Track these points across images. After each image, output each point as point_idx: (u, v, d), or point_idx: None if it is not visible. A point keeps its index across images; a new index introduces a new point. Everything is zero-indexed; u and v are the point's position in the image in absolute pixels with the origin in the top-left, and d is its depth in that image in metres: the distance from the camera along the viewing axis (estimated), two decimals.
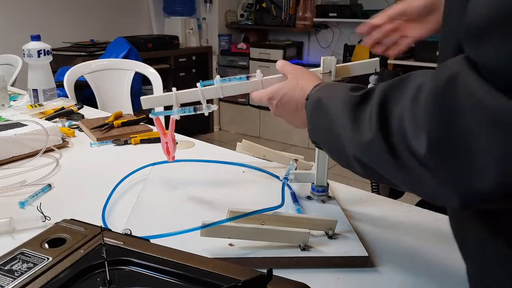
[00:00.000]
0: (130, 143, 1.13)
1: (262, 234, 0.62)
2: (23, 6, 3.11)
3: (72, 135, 1.20)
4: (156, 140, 1.14)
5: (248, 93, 0.73)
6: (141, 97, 0.80)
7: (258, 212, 0.64)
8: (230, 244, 0.63)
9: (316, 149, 0.76)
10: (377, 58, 0.72)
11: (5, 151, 0.99)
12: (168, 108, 0.77)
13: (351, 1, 3.43)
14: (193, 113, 0.75)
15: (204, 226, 0.59)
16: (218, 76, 0.74)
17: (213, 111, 0.75)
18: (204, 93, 0.74)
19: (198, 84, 0.74)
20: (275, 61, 0.74)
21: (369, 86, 0.71)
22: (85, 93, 2.33)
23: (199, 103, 0.75)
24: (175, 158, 0.83)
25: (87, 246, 0.49)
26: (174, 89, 0.75)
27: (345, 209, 0.77)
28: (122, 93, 2.16)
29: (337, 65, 0.71)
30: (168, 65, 3.65)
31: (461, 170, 0.37)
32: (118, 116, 1.31)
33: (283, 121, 0.70)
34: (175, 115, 0.76)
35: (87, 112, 1.46)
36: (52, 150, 1.07)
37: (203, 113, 0.75)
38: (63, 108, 1.40)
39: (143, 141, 1.14)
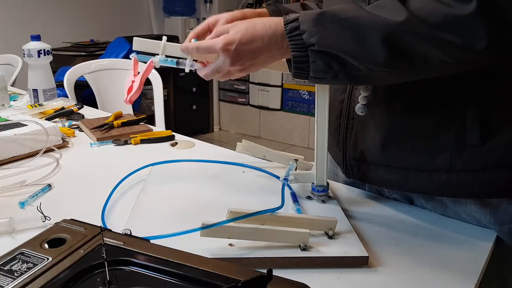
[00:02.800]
0: (130, 143, 1.13)
1: (262, 234, 0.62)
2: (23, 6, 3.11)
3: (72, 135, 1.20)
4: (157, 140, 1.15)
5: (248, 93, 0.73)
6: (134, 37, 0.78)
7: (258, 213, 0.64)
8: (230, 244, 0.63)
9: (316, 149, 0.76)
10: None
11: (5, 151, 0.99)
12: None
13: None
14: (174, 66, 0.73)
15: (204, 227, 0.59)
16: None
17: (213, 110, 0.75)
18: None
19: (192, 40, 0.73)
20: None
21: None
22: (85, 93, 2.33)
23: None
24: (174, 158, 0.83)
25: (87, 246, 0.49)
26: (164, 37, 0.75)
27: (345, 209, 0.77)
28: (122, 93, 2.16)
29: None
30: None
31: None
32: (118, 116, 1.31)
33: (284, 121, 0.70)
34: (156, 60, 0.74)
35: (87, 112, 1.46)
36: (52, 150, 1.07)
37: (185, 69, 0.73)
38: (63, 108, 1.40)
39: (143, 141, 1.14)
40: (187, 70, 0.73)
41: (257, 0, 3.89)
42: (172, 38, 3.70)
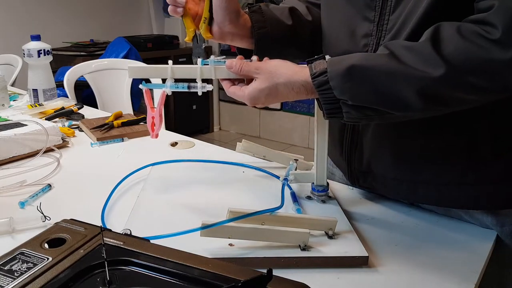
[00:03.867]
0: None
1: (262, 234, 0.62)
2: (23, 6, 3.11)
3: (72, 135, 1.20)
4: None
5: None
6: (128, 65, 0.75)
7: (258, 213, 0.64)
8: (230, 244, 0.63)
9: (316, 149, 0.76)
10: None
11: (5, 151, 0.99)
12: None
13: None
14: (186, 90, 0.72)
15: (204, 227, 0.59)
16: (212, 56, 0.71)
17: (213, 110, 0.74)
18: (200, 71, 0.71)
19: (198, 61, 0.71)
20: None
21: None
22: (85, 93, 2.33)
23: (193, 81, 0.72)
24: (175, 158, 0.82)
25: (87, 246, 0.49)
26: (170, 62, 0.72)
27: (345, 209, 0.77)
28: (122, 93, 2.16)
29: None
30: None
31: None
32: (118, 116, 1.31)
33: (284, 121, 0.70)
34: (167, 89, 0.72)
35: (87, 112, 1.46)
36: (52, 150, 1.07)
37: (197, 92, 0.72)
38: (63, 108, 1.40)
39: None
40: (199, 93, 0.72)
41: (257, 0, 3.89)
42: (172, 38, 3.70)
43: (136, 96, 2.96)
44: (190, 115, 3.88)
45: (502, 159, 0.68)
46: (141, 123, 1.27)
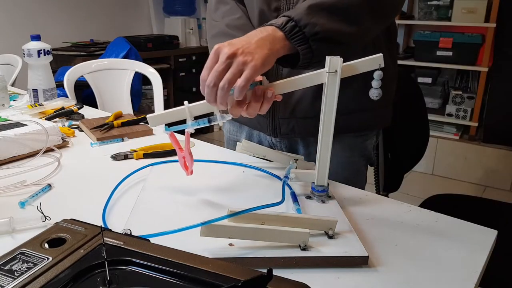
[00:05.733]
0: (132, 158, 1.02)
1: (262, 234, 0.62)
2: (23, 6, 3.11)
3: (72, 135, 1.20)
4: (160, 155, 1.03)
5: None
6: (148, 116, 0.77)
7: (258, 208, 0.64)
8: (230, 244, 0.63)
9: (320, 149, 0.76)
10: (381, 54, 0.72)
11: (5, 151, 0.99)
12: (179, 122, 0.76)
13: None
14: (207, 124, 0.74)
15: (204, 223, 0.59)
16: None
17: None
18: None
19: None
20: None
21: (373, 82, 0.72)
22: (85, 93, 2.33)
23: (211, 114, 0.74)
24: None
25: (87, 246, 0.49)
26: (186, 102, 0.74)
27: (345, 209, 0.77)
28: (122, 93, 2.16)
29: (342, 64, 0.71)
30: (168, 65, 3.65)
31: None
32: (118, 116, 1.31)
33: None
34: (190, 129, 0.75)
35: (87, 112, 1.46)
36: (52, 150, 1.07)
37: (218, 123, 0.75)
38: (63, 108, 1.40)
39: (146, 156, 1.02)
40: (220, 124, 0.76)
41: None
42: (172, 38, 3.70)
43: (136, 96, 2.97)
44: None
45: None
46: (141, 123, 1.27)
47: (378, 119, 1.02)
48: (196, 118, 0.75)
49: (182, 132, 0.77)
